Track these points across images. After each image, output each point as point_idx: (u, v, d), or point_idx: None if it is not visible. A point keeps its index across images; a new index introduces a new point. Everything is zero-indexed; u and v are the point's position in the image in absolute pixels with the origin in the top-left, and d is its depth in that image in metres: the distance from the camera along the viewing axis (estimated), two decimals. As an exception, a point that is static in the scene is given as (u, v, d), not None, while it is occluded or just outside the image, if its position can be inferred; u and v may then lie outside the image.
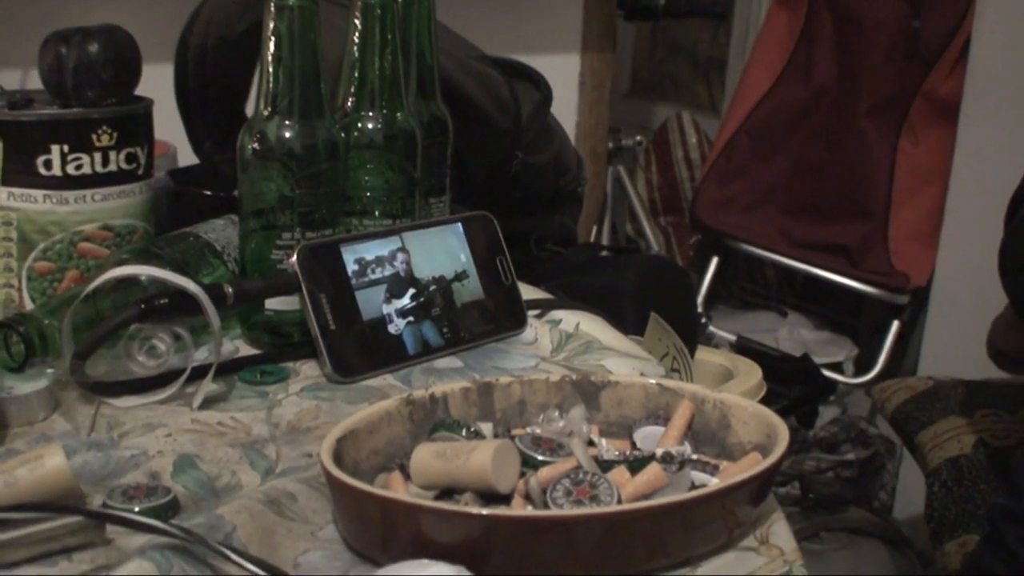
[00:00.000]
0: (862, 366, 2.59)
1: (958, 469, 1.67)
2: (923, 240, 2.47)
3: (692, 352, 1.31)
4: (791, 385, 2.45)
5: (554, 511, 0.64)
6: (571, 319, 1.04)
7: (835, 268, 2.55)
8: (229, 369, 0.90)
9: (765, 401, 0.77)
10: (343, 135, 0.97)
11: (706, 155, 3.08)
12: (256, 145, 0.92)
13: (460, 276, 0.99)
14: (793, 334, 2.68)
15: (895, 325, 2.52)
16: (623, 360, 0.96)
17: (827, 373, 2.54)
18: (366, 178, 1.00)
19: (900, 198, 2.51)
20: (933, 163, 2.46)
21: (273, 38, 0.91)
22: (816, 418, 2.50)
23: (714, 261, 2.70)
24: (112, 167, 0.98)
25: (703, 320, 2.61)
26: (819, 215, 2.62)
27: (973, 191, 2.33)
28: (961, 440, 1.71)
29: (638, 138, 2.88)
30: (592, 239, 2.57)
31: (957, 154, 2.36)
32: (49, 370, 0.84)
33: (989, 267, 2.29)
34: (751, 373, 1.37)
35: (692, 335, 1.36)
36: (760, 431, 0.73)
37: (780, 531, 0.69)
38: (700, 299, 2.66)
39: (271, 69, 0.92)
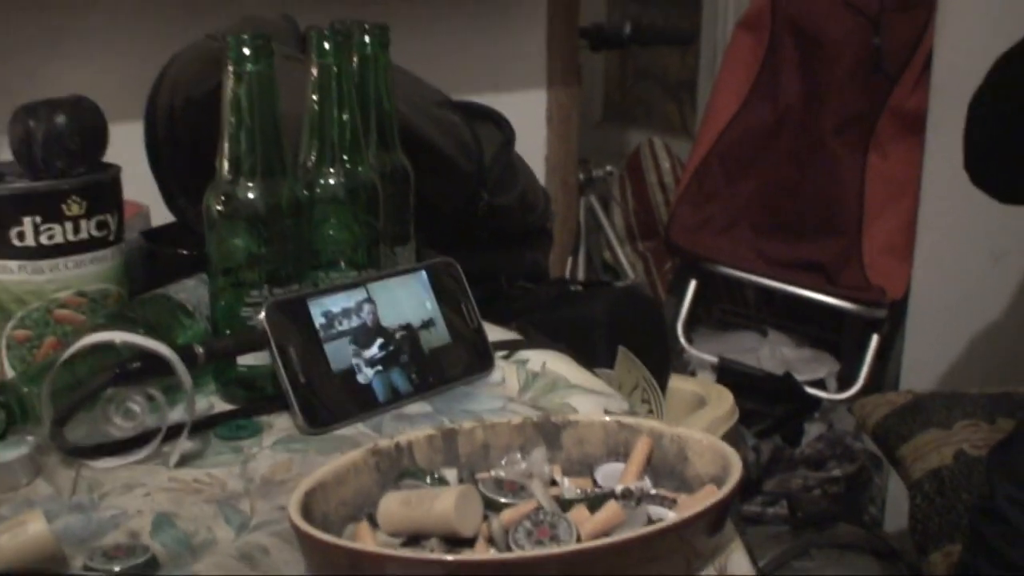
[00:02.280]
0: (845, 381, 2.61)
1: (939, 480, 1.69)
2: (897, 253, 2.50)
3: (664, 382, 1.33)
4: (774, 404, 2.47)
5: (515, 553, 0.67)
6: (538, 358, 1.07)
7: (812, 285, 2.58)
8: (204, 426, 0.92)
9: (747, 420, 0.79)
10: (306, 192, 1.00)
11: (679, 179, 3.11)
12: (221, 207, 0.95)
13: (427, 324, 1.01)
14: (775, 353, 2.70)
15: (875, 339, 2.54)
16: (589, 397, 0.99)
17: (810, 390, 2.57)
18: (331, 232, 1.03)
19: (872, 213, 2.54)
20: (903, 176, 2.49)
21: (232, 103, 0.94)
22: (802, 436, 2.52)
23: (692, 284, 2.72)
24: (83, 235, 1.00)
25: (683, 344, 2.63)
26: (793, 234, 2.64)
27: (944, 202, 2.36)
28: (941, 452, 1.74)
29: (608, 168, 2.91)
30: (568, 270, 2.59)
31: (926, 166, 2.39)
32: (30, 437, 0.86)
33: (964, 276, 2.34)
34: (723, 400, 1.39)
35: (664, 366, 1.38)
36: (715, 463, 0.76)
37: (739, 560, 0.72)
38: (680, 323, 2.68)
39: (232, 132, 0.94)
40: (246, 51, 0.93)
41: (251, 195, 0.95)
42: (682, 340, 2.66)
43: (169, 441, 0.88)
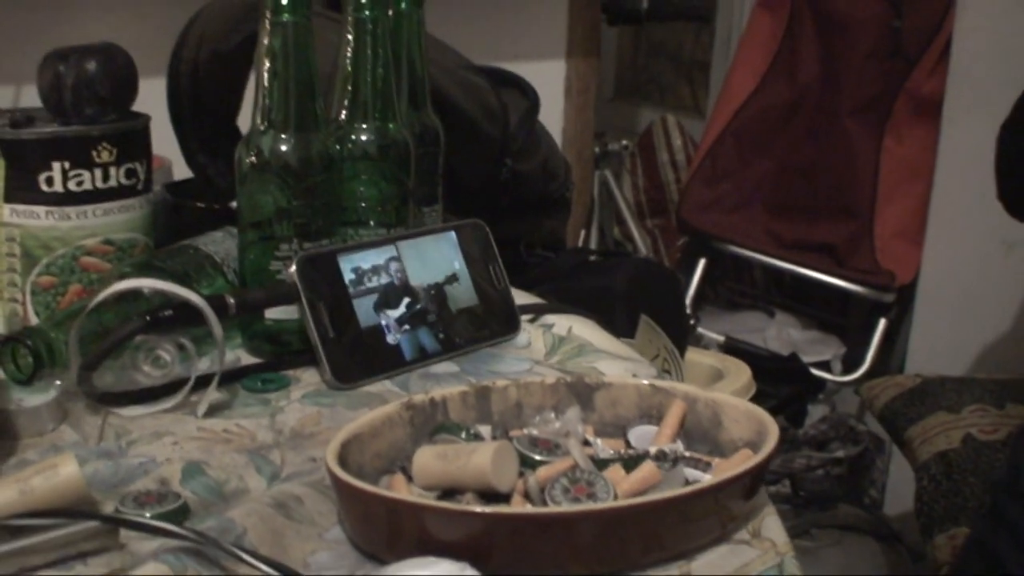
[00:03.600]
0: (850, 364, 2.62)
1: (947, 463, 1.69)
2: (909, 238, 2.50)
3: (682, 353, 1.33)
4: (780, 384, 2.48)
5: (553, 508, 0.66)
6: (564, 323, 1.06)
7: (821, 267, 2.58)
8: (232, 378, 0.92)
9: (754, 400, 0.79)
10: (337, 147, 0.99)
11: (691, 157, 3.10)
12: (253, 159, 0.95)
13: (455, 284, 1.01)
14: (781, 334, 2.70)
15: (882, 323, 2.54)
16: (616, 362, 0.99)
17: (815, 372, 2.57)
18: (361, 188, 1.02)
19: (885, 196, 2.54)
20: (917, 161, 2.48)
21: (268, 54, 0.93)
22: (805, 417, 2.53)
23: (701, 263, 2.72)
24: (112, 183, 1.00)
25: (692, 321, 2.63)
26: (805, 215, 2.64)
27: (957, 188, 2.36)
28: (949, 435, 1.74)
29: (624, 142, 2.90)
30: (580, 243, 2.59)
31: (940, 151, 2.39)
32: (57, 382, 0.86)
33: (974, 263, 2.33)
34: (740, 373, 1.39)
35: (682, 336, 1.38)
36: (751, 428, 0.76)
37: (772, 524, 0.71)
38: (688, 300, 2.68)
39: (266, 84, 0.94)
40: (283, 1, 0.92)
41: (283, 147, 0.94)
42: (691, 321, 2.65)
43: (197, 391, 0.87)
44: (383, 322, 0.95)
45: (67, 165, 0.97)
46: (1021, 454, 1.33)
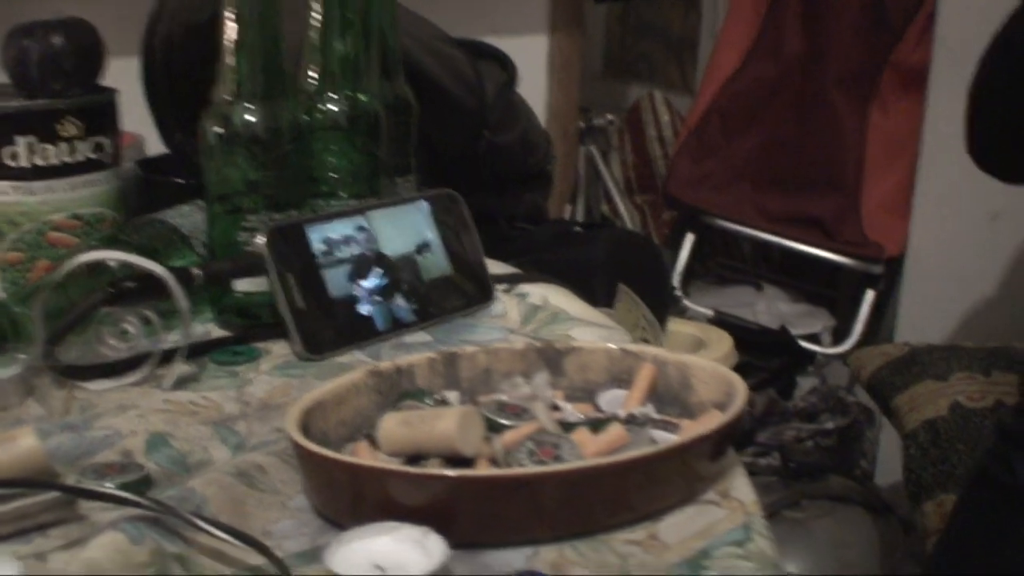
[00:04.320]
0: (839, 336, 2.61)
1: (934, 431, 1.69)
2: (896, 210, 2.49)
3: (662, 324, 1.32)
4: (769, 357, 2.47)
5: (518, 470, 0.66)
6: (539, 292, 1.05)
7: (810, 240, 2.57)
8: (200, 351, 0.91)
9: (742, 372, 0.78)
10: (306, 117, 0.98)
11: (679, 133, 3.09)
12: (220, 129, 0.93)
13: (427, 254, 1.00)
14: (770, 307, 2.70)
15: (870, 295, 2.53)
16: (591, 330, 0.98)
17: (804, 344, 2.57)
18: (331, 160, 1.01)
19: (872, 169, 2.53)
20: (904, 133, 2.47)
21: (234, 20, 0.92)
22: (795, 389, 2.52)
23: (689, 238, 2.71)
24: (79, 157, 0.99)
25: (679, 296, 2.62)
26: (793, 188, 2.63)
27: (944, 160, 2.34)
28: (937, 403, 1.73)
29: (609, 117, 2.89)
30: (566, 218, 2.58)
31: (927, 123, 2.38)
32: (22, 356, 0.85)
33: (962, 234, 2.33)
34: (722, 342, 1.39)
35: (663, 307, 1.37)
36: (719, 389, 0.75)
37: (740, 485, 0.70)
38: (677, 276, 2.67)
39: (233, 52, 0.93)
40: (248, -33, 0.91)
41: (251, 117, 0.93)
42: (679, 293, 2.65)
43: (164, 365, 0.86)
44: (355, 292, 0.94)
45: (32, 140, 0.97)
46: (1015, 450, 1.32)
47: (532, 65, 2.20)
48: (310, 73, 1.01)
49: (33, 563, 0.61)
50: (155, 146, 1.37)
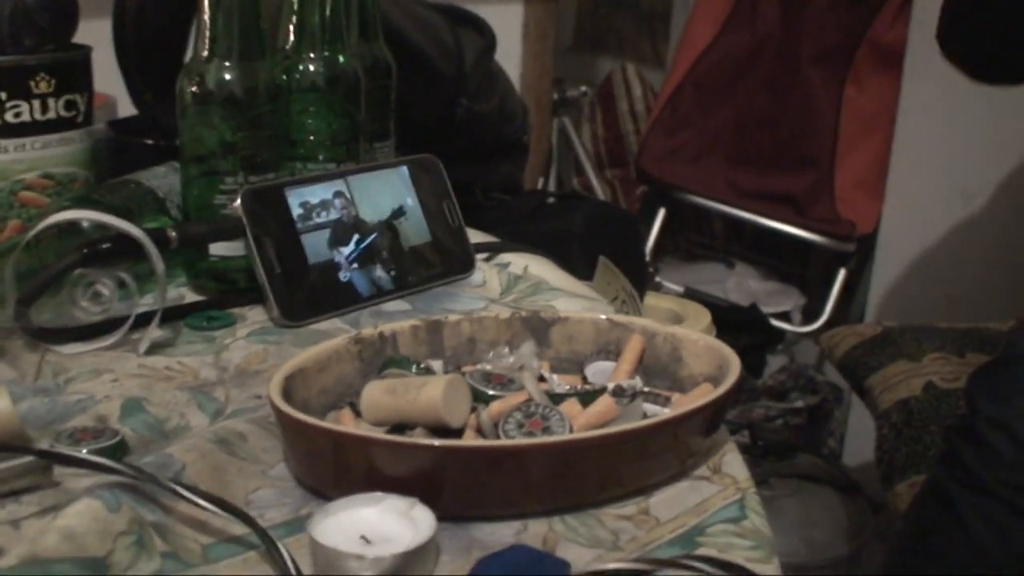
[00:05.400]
0: (810, 315, 2.60)
1: (908, 411, 1.68)
2: (869, 188, 2.48)
3: (641, 297, 1.30)
4: (739, 335, 2.46)
5: (506, 441, 0.64)
6: (520, 262, 1.04)
7: (782, 217, 2.55)
8: (175, 315, 0.89)
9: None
10: (284, 78, 0.96)
11: (651, 107, 3.07)
12: (195, 89, 0.91)
13: (407, 221, 0.98)
14: (741, 284, 2.69)
15: (842, 273, 2.53)
16: (573, 300, 0.96)
17: (775, 322, 2.56)
18: (309, 122, 0.99)
19: (846, 146, 2.52)
20: (878, 111, 2.46)
21: (212, -23, 0.90)
22: (764, 367, 2.52)
23: (661, 213, 2.69)
24: (51, 114, 0.96)
25: (651, 270, 2.61)
26: (765, 164, 2.61)
27: (918, 138, 2.34)
28: (910, 383, 1.73)
29: (583, 88, 2.87)
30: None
31: (902, 101, 2.37)
32: (-9, 319, 0.83)
33: (934, 213, 2.32)
34: (701, 317, 1.37)
35: (640, 280, 1.36)
36: (712, 363, 0.74)
37: (733, 461, 0.69)
38: (648, 251, 2.65)
39: (209, 9, 0.90)
40: (227, -78, 0.89)
41: (227, 76, 0.90)
42: (651, 269, 2.63)
43: (139, 329, 0.84)
44: (334, 259, 0.92)
45: (3, 96, 0.94)
46: (977, 398, 1.32)
47: (507, 34, 2.18)
48: (288, 33, 0.99)
49: (6, 530, 0.59)
50: (126, 107, 1.34)
